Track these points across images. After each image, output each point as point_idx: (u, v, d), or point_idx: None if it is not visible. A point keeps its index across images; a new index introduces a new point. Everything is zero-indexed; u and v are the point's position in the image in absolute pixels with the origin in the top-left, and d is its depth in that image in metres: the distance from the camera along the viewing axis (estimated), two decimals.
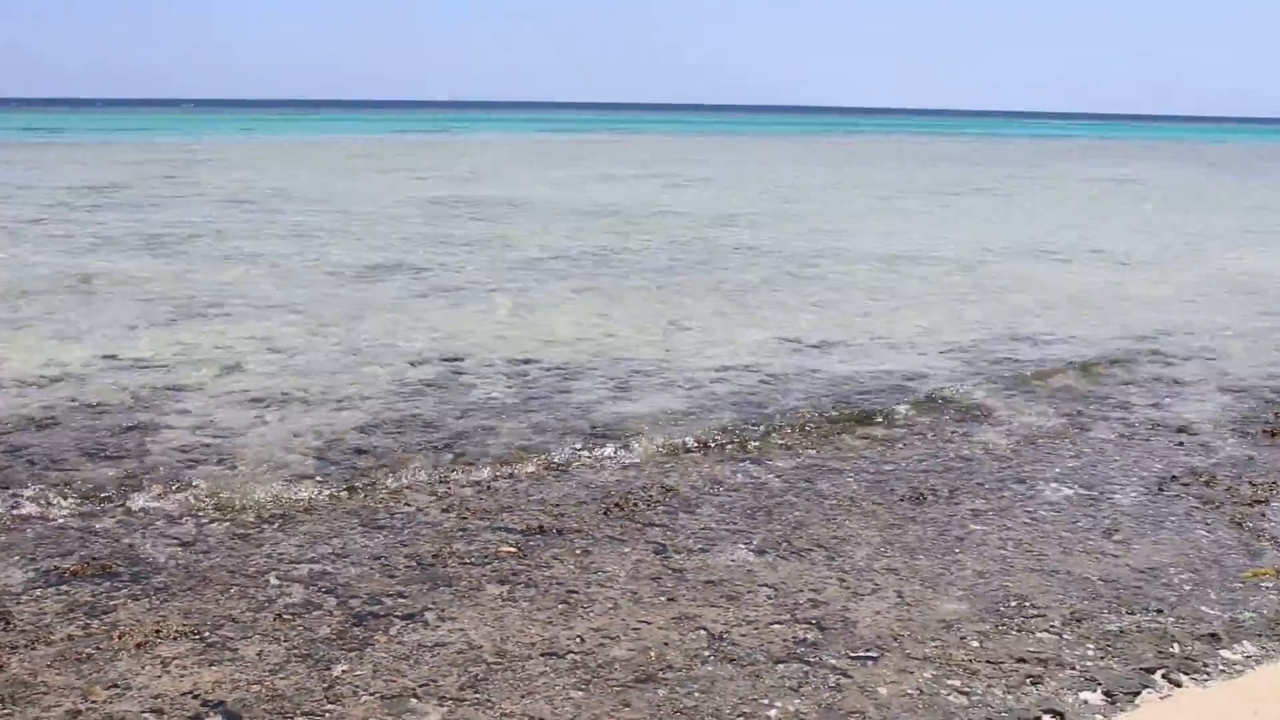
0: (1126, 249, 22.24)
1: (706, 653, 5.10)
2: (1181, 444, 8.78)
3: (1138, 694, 4.78)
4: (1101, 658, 5.13)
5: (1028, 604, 5.72)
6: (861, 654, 5.10)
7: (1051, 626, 5.46)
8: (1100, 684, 4.86)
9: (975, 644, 5.23)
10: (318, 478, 7.66)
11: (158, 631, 5.17)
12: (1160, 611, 5.65)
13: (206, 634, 5.18)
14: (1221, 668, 5.06)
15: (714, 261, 19.39)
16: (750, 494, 7.47)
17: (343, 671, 4.86)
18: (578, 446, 8.48)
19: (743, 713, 4.51)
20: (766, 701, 4.61)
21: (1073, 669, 5.01)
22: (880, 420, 9.33)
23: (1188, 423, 9.41)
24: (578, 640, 5.23)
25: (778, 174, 46.95)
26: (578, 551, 6.38)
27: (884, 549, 6.49)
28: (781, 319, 14.11)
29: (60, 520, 6.73)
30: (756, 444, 8.61)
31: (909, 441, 8.78)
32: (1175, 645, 5.27)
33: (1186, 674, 4.99)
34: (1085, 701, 4.71)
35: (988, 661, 5.05)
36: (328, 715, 4.46)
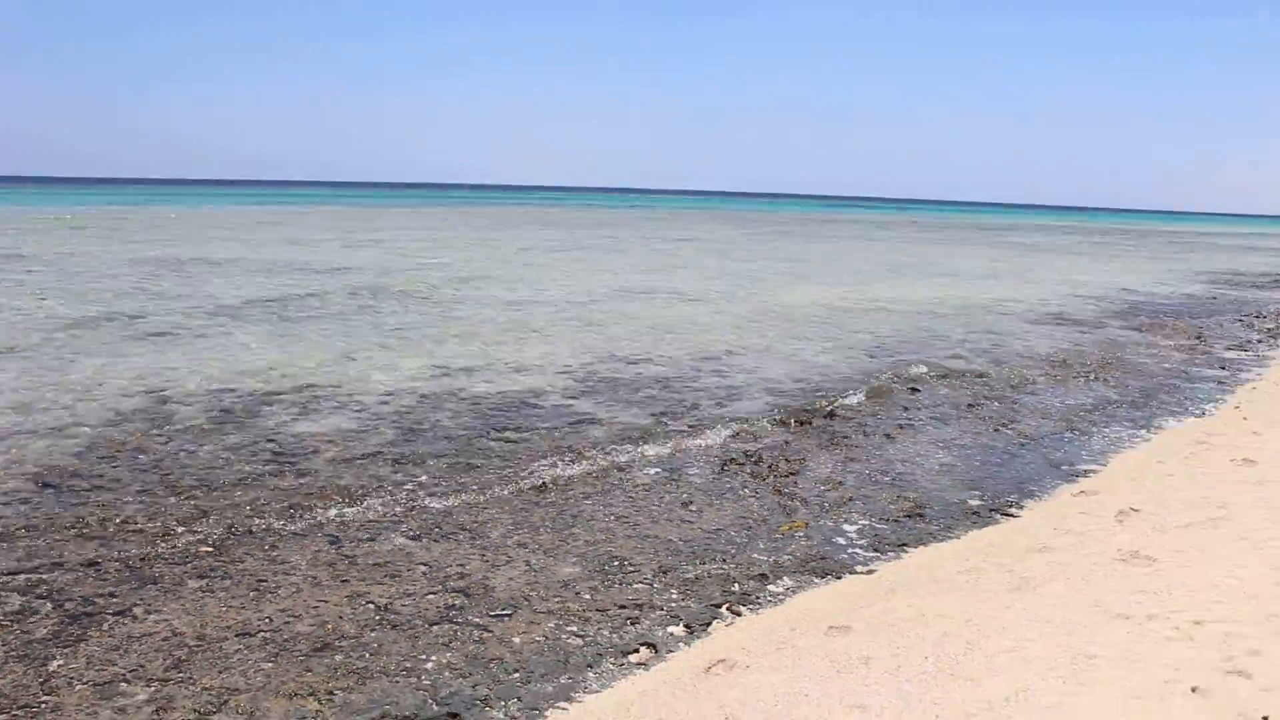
0: (696, 289, 25.72)
1: (374, 621, 5.99)
2: (738, 434, 10.68)
3: (709, 624, 6.15)
4: (682, 599, 6.51)
5: (626, 563, 7.05)
6: (499, 612, 6.16)
7: (645, 579, 6.79)
8: (682, 619, 6.20)
9: (587, 597, 6.45)
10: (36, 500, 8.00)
11: None
12: (724, 560, 7.16)
13: None
14: (769, 599, 6.59)
15: (378, 305, 20.63)
16: (407, 492, 8.47)
17: (59, 666, 5.29)
18: (265, 460, 9.27)
19: (405, 668, 5.42)
20: (424, 657, 5.55)
21: (661, 609, 6.34)
22: (513, 428, 10.64)
23: (742, 417, 11.40)
24: (267, 620, 5.95)
25: (430, 236, 49.13)
26: (266, 546, 7.13)
27: (514, 529, 7.66)
28: (434, 350, 15.37)
29: None
30: (414, 451, 9.73)
31: (535, 443, 10.11)
32: (736, 585, 6.76)
33: (745, 605, 6.45)
34: (671, 633, 6.02)
35: (597, 610, 6.27)
36: (44, 706, 4.89)
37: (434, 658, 5.54)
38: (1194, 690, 4.71)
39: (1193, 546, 6.97)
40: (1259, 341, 19.10)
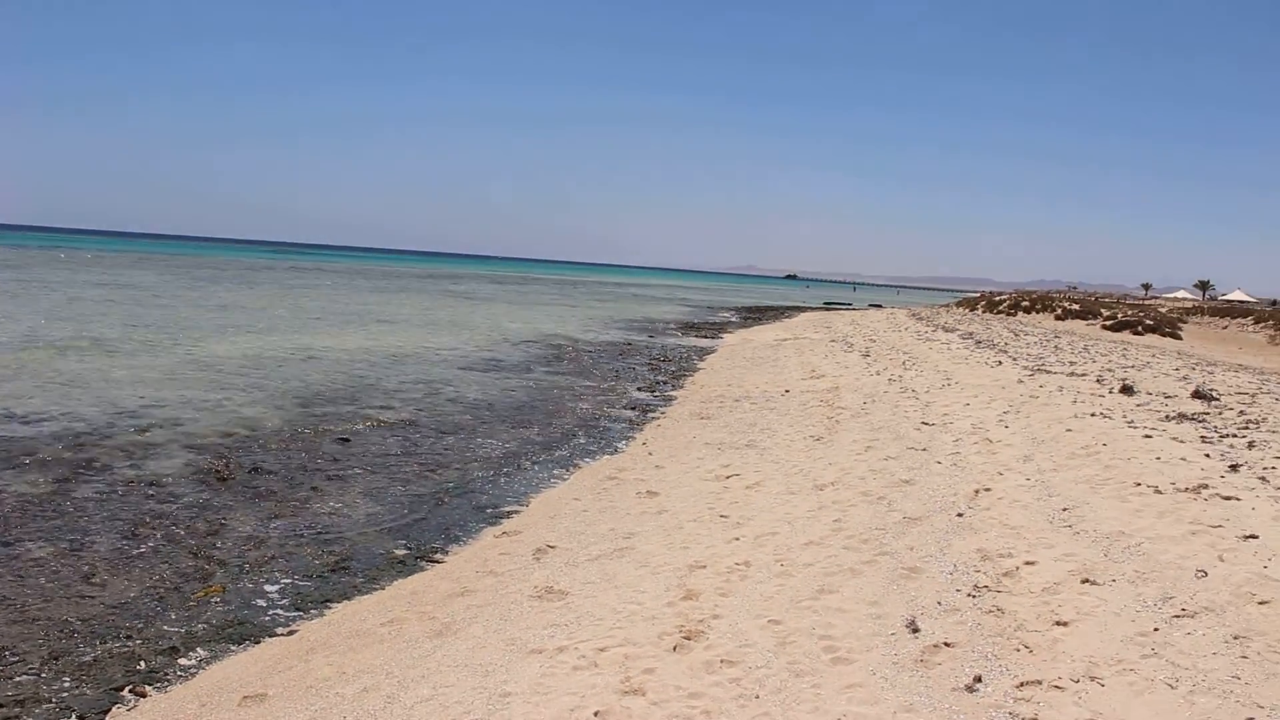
0: (117, 337, 23.41)
1: None
2: (152, 495, 9.83)
3: (108, 710, 5.55)
4: (76, 687, 5.80)
5: (8, 653, 6.15)
6: None
7: (31, 668, 5.98)
8: (75, 710, 5.53)
9: None
10: None
11: None
12: (129, 637, 6.51)
13: None
14: (179, 674, 6.09)
15: None
16: None
17: None
18: None
19: None
20: None
21: (50, 702, 5.60)
22: None
23: (158, 477, 10.51)
24: None
25: None
26: None
27: None
28: None
29: None
30: None
31: None
32: (142, 663, 6.16)
33: (151, 684, 5.90)
34: None
35: None
36: None
37: None
38: (596, 715, 5.04)
39: (601, 577, 7.52)
40: (664, 383, 21.33)
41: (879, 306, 77.52)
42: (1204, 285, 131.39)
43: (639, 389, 20.19)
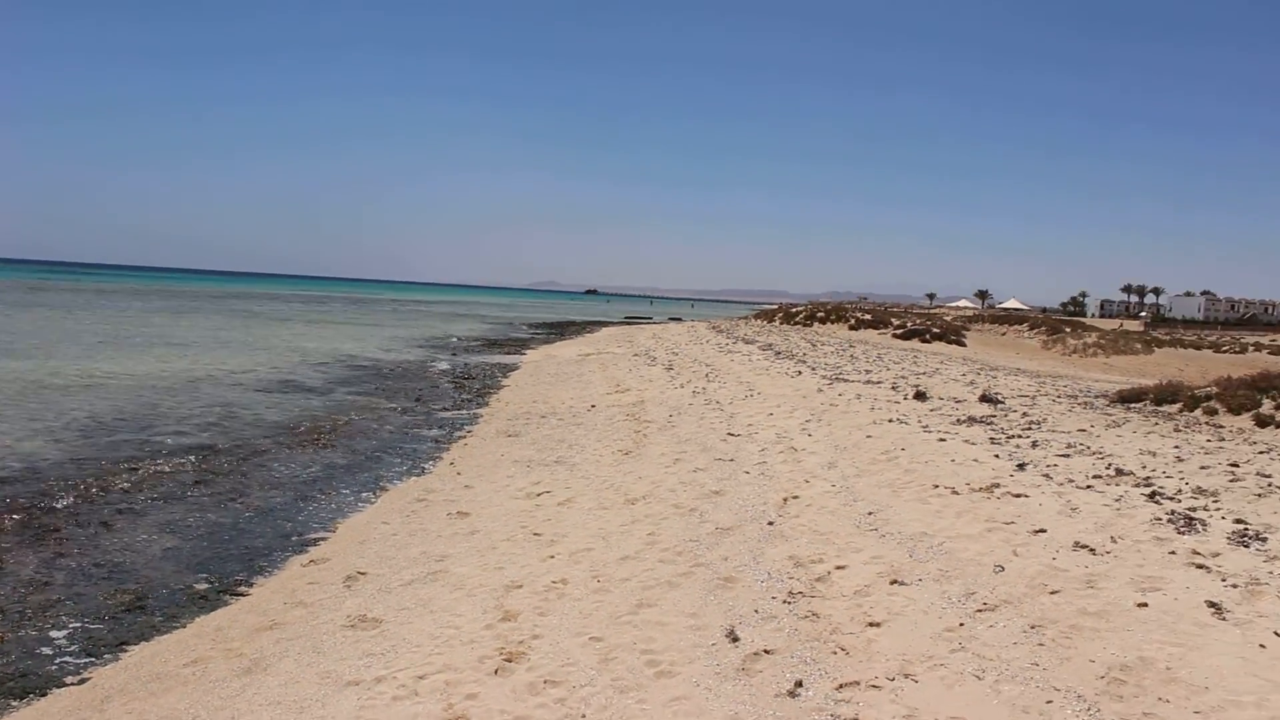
0: None
1: None
2: None
3: None
4: None
5: None
6: None
7: None
8: None
9: None
10: None
11: None
12: None
13: None
14: None
15: None
16: None
17: None
18: None
19: None
20: None
21: None
22: None
23: None
24: None
25: None
26: None
27: None
28: None
29: None
30: None
31: None
32: None
33: None
34: None
35: None
36: None
37: None
38: None
39: (416, 602, 7.38)
40: (469, 401, 21.10)
41: (679, 320, 79.06)
42: (983, 294, 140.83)
43: (444, 408, 19.92)
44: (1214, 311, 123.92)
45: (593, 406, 18.54)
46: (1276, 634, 5.61)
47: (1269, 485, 9.39)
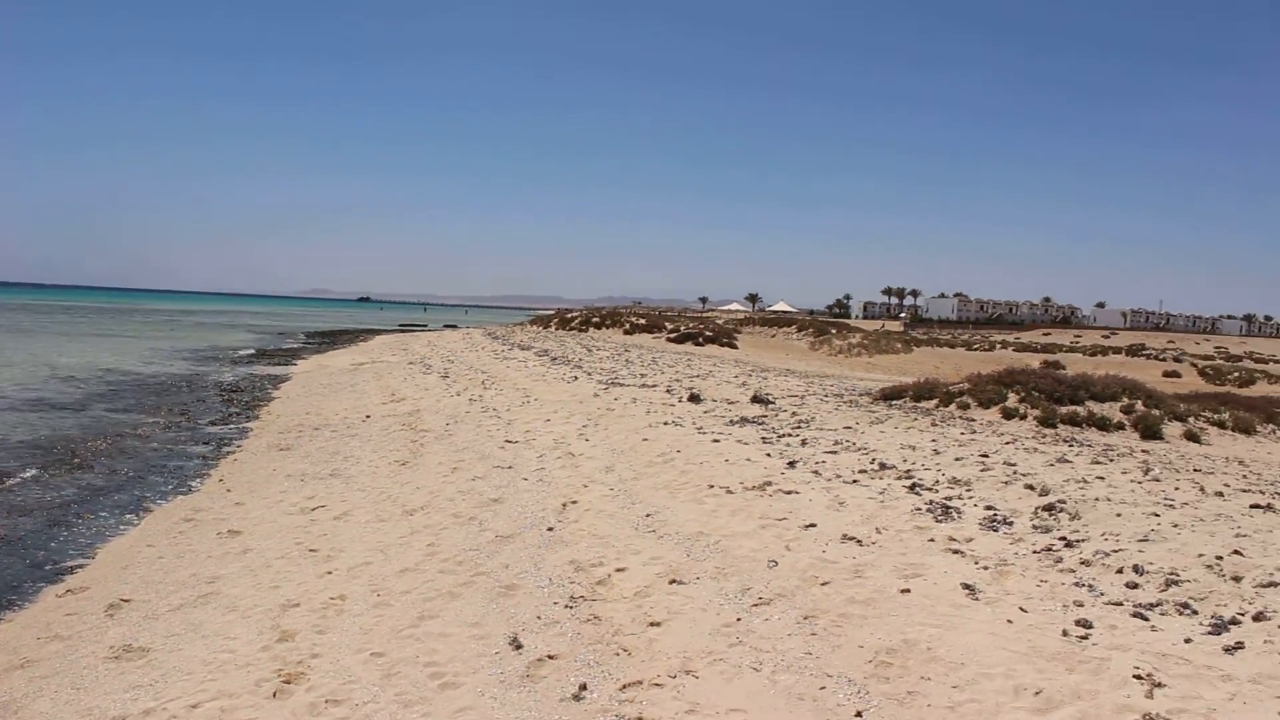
0: None
1: None
2: None
3: None
4: None
5: None
6: None
7: None
8: None
9: None
10: None
11: None
12: None
13: None
14: None
15: None
16: None
17: None
18: None
19: None
20: None
21: None
22: None
23: None
24: None
25: None
26: None
27: None
28: None
29: None
30: None
31: None
32: None
33: None
34: None
35: None
36: None
37: None
38: None
39: (186, 628, 7.05)
40: (238, 414, 20.24)
41: (454, 327, 78.29)
42: (753, 298, 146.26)
43: (211, 422, 19.02)
44: (966, 312, 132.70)
45: (368, 417, 18.14)
46: (1021, 609, 6.11)
47: (1014, 473, 10.21)
